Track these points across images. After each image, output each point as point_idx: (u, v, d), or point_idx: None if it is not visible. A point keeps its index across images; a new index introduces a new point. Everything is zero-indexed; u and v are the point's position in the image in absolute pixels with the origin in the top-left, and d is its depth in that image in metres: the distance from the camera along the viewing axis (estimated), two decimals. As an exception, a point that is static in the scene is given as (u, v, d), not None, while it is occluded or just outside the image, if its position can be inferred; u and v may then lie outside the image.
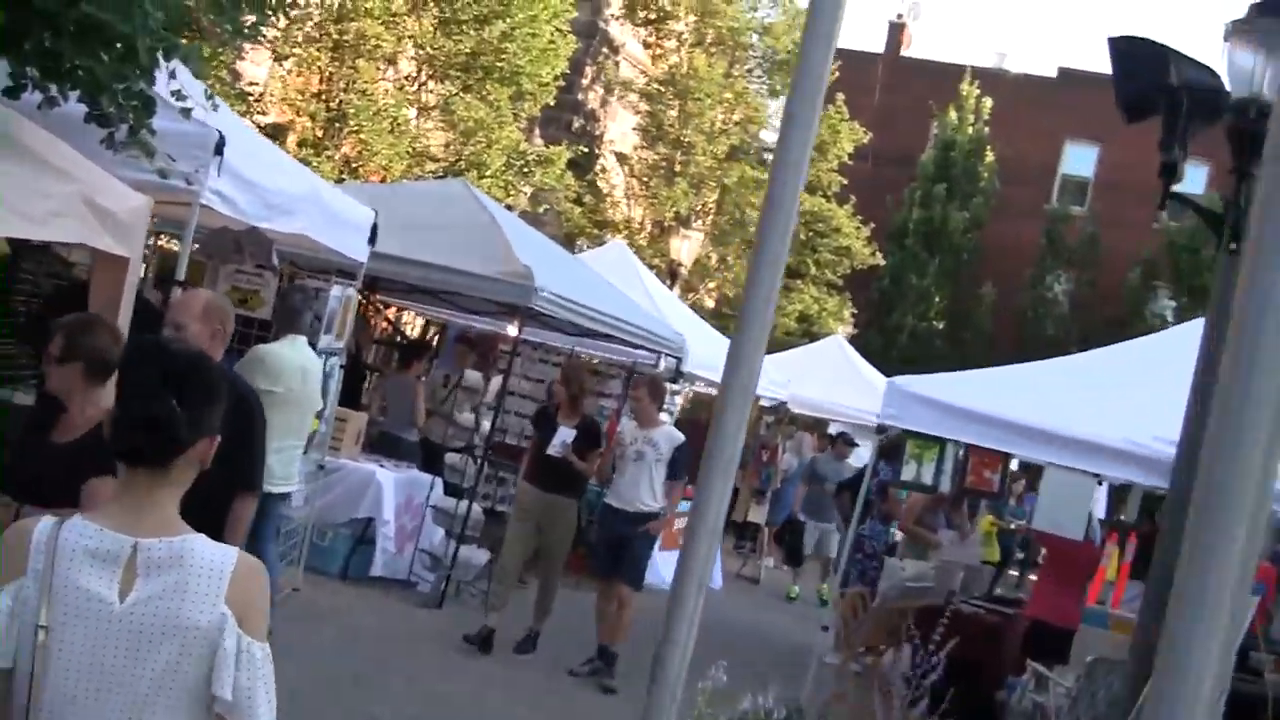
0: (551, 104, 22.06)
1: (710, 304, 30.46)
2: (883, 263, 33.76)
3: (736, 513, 20.23)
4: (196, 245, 12.20)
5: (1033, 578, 15.79)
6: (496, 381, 13.80)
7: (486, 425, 12.78)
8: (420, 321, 22.13)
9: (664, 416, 14.97)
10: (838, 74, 30.77)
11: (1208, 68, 7.55)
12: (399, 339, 18.57)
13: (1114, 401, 10.89)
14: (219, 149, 7.57)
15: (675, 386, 15.55)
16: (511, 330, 13.56)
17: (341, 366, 11.15)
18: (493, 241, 12.33)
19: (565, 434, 10.92)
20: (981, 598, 12.79)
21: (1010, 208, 40.74)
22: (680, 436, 11.12)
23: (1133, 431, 10.39)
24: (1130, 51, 7.89)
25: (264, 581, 2.87)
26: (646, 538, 11.16)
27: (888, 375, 24.08)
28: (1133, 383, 11.17)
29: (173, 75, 6.33)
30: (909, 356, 32.97)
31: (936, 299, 39.13)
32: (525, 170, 20.77)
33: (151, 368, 2.87)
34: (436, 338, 19.49)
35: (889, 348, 33.96)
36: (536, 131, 25.00)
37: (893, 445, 14.16)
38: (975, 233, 39.94)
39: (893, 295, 37.05)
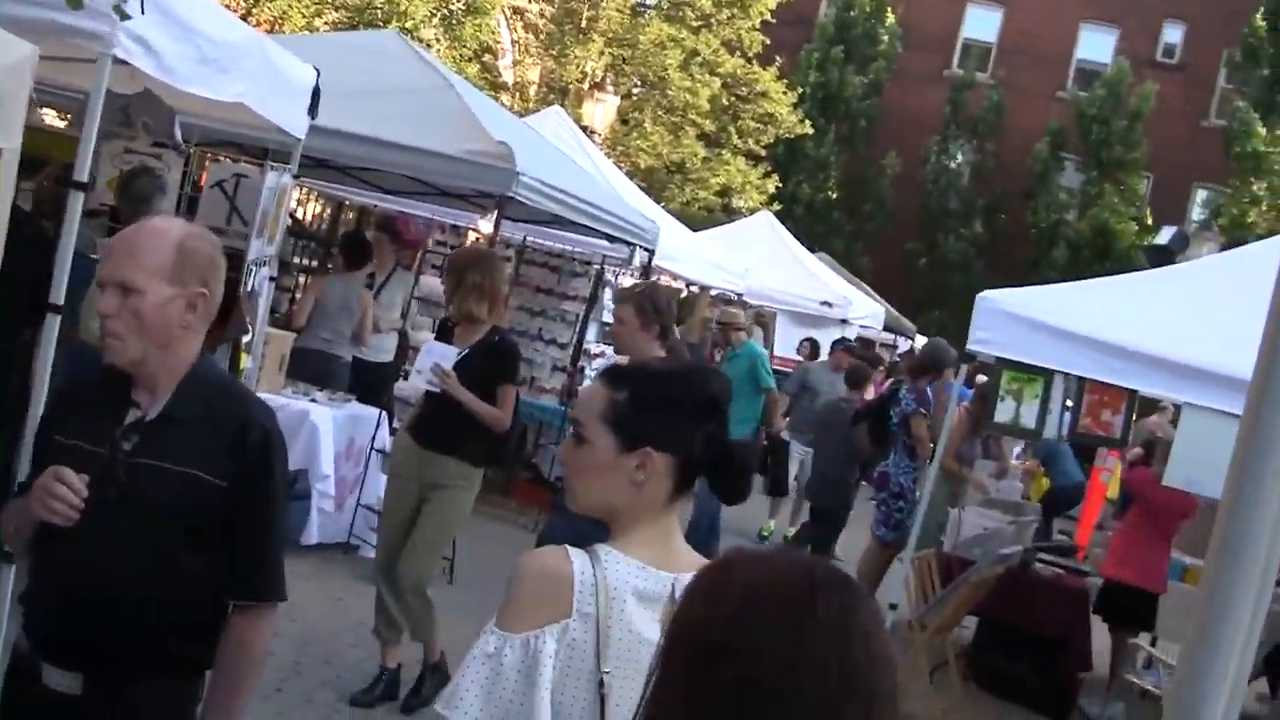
0: (479, -60, 18.85)
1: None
2: (811, 131, 31.16)
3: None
4: (68, 117, 9.54)
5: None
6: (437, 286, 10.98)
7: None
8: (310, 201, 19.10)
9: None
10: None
11: None
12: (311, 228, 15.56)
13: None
14: (144, -32, 4.80)
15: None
16: (484, 225, 10.61)
17: (272, 279, 8.37)
18: (455, 112, 9.65)
19: (437, 353, 7.05)
20: (1047, 550, 10.57)
21: (911, 74, 38.80)
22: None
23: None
24: None
25: None
26: None
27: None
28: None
29: None
30: (805, 228, 30.82)
31: (833, 169, 37.07)
32: (453, 22, 17.63)
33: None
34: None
35: (783, 220, 31.74)
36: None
37: (918, 369, 11.80)
38: (874, 99, 37.90)
39: (787, 164, 34.64)
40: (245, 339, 7.99)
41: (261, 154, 8.79)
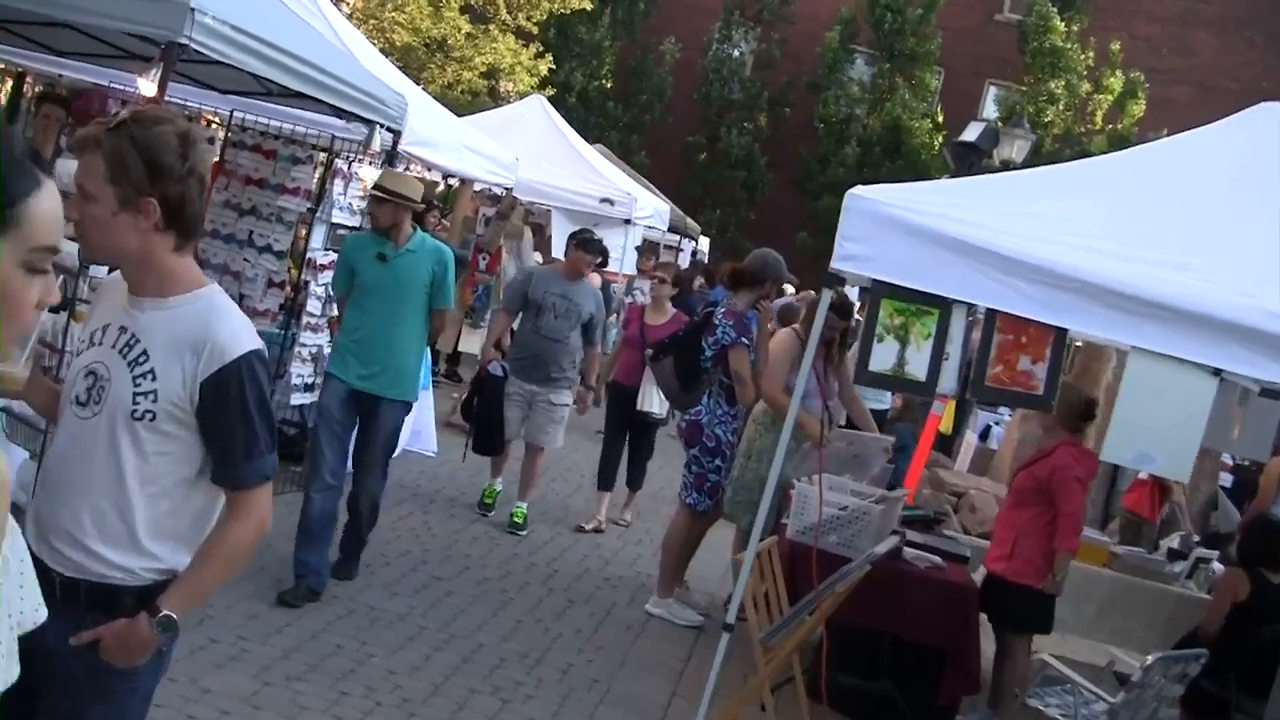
0: None
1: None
2: (589, 7, 28.22)
3: (444, 340, 15.11)
4: None
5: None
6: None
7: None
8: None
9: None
10: None
11: None
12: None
13: (1227, 241, 6.28)
14: None
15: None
16: (146, 87, 7.59)
17: None
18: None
19: None
20: (913, 524, 8.22)
21: (693, -47, 36.43)
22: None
23: (1259, 293, 5.80)
24: None
25: None
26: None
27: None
28: (1237, 206, 6.57)
29: None
30: (578, 119, 28.26)
31: (608, 56, 34.53)
32: None
33: None
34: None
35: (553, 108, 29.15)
36: None
37: (739, 281, 9.20)
38: (653, -19, 35.49)
39: (559, 49, 31.84)
40: None
41: None
